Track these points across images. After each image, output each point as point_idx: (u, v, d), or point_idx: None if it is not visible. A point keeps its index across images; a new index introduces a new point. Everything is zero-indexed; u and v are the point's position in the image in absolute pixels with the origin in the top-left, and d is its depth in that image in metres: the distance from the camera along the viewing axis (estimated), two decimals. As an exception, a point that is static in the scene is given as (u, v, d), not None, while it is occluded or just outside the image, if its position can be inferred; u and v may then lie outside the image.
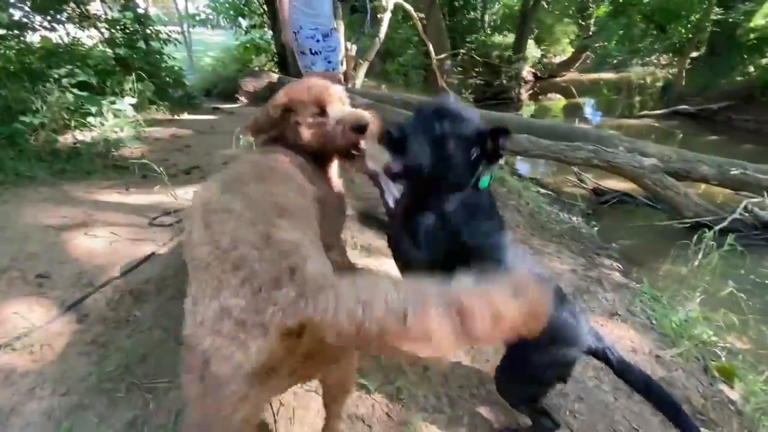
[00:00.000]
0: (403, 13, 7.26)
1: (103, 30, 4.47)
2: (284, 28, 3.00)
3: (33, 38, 4.30)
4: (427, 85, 8.57)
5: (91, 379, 0.99)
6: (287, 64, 5.75)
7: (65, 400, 0.94)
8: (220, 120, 4.17)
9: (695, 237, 2.54)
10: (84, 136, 3.12)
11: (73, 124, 3.19)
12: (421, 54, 8.13)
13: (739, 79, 8.03)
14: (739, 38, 8.60)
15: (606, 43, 11.81)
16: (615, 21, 10.29)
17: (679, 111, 8.53)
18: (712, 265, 2.16)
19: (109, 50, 4.45)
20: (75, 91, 3.50)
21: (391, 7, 6.18)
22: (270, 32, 6.44)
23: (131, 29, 4.44)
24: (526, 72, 12.30)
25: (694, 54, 9.14)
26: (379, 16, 6.40)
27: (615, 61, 12.74)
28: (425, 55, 8.02)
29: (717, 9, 7.99)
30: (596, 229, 3.88)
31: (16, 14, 4.07)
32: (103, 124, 3.23)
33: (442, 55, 7.52)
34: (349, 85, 6.08)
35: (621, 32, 10.09)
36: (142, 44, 4.52)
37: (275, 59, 6.51)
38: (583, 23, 13.45)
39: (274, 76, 5.60)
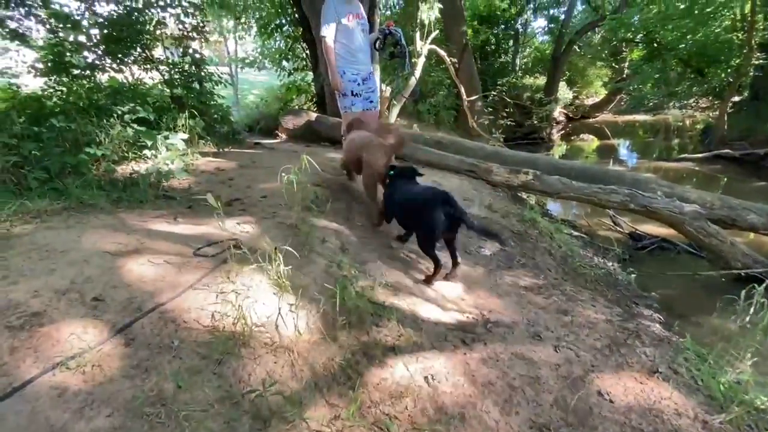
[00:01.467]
0: (437, 57, 7.58)
1: (164, 72, 4.95)
2: (332, 75, 3.29)
3: (102, 77, 4.80)
4: (458, 124, 8.76)
5: (134, 403, 1.05)
6: (325, 105, 6.08)
7: (110, 421, 1.00)
8: (261, 155, 4.42)
9: (744, 291, 2.39)
10: (139, 167, 3.40)
11: (130, 156, 3.50)
12: (452, 95, 8.38)
13: (787, 124, 7.72)
14: (785, 83, 8.35)
15: (641, 86, 11.72)
16: (650, 65, 10.25)
17: (721, 155, 8.22)
18: (765, 323, 2.01)
19: (167, 90, 4.91)
20: (134, 126, 3.87)
21: (425, 52, 6.49)
22: (311, 75, 6.89)
23: (188, 72, 4.89)
24: (558, 113, 12.35)
25: (736, 98, 8.90)
26: (413, 60, 6.72)
27: (651, 104, 12.57)
28: (456, 96, 8.25)
29: (758, 54, 7.84)
30: (633, 276, 3.71)
31: (90, 57, 4.59)
32: (156, 157, 3.52)
33: (473, 97, 7.71)
34: (382, 124, 6.33)
35: (656, 76, 10.01)
36: (196, 85, 4.95)
37: (314, 100, 6.93)
38: (617, 66, 13.48)
39: (313, 115, 5.93)
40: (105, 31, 4.48)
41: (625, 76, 13.17)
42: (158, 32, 4.83)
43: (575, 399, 1.54)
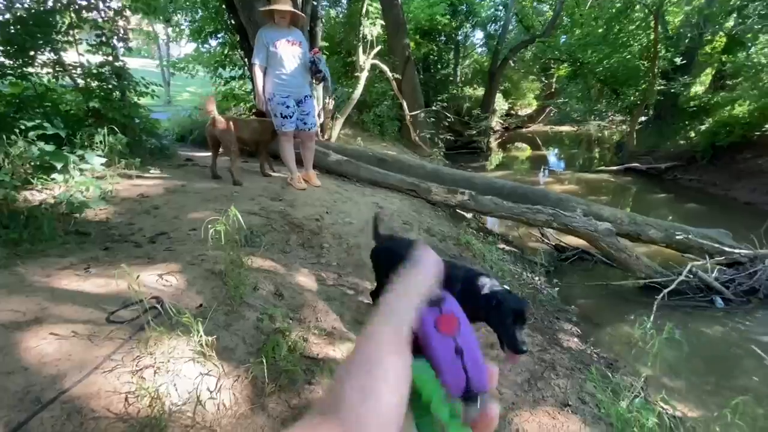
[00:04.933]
0: (380, 70, 7.68)
1: (77, 78, 4.46)
2: (257, 98, 3.67)
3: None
4: (402, 134, 8.94)
5: None
6: (264, 116, 5.89)
7: None
8: (191, 176, 4.16)
9: (648, 312, 2.71)
10: (46, 194, 3.04)
11: (35, 181, 3.12)
12: (396, 106, 8.54)
13: (682, 142, 8.86)
14: (681, 105, 9.59)
15: (567, 101, 12.81)
16: (574, 83, 11.24)
17: (631, 167, 9.25)
18: (665, 334, 2.27)
19: (81, 98, 4.43)
20: (41, 144, 3.45)
21: (367, 67, 6.53)
22: (250, 84, 6.62)
23: (108, 81, 4.45)
24: (495, 123, 13.09)
25: (643, 117, 10.05)
26: (356, 74, 6.73)
27: (576, 116, 13.80)
28: (400, 107, 8.42)
29: (660, 80, 8.93)
30: (557, 289, 4.06)
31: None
32: (68, 182, 3.17)
33: (416, 112, 7.91)
34: (326, 137, 6.27)
35: (578, 95, 10.99)
36: (117, 94, 4.53)
37: (253, 110, 6.67)
38: (546, 81, 14.61)
39: (251, 127, 5.70)
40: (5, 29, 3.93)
41: (553, 90, 14.32)
42: (70, 36, 4.33)
43: None
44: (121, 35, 4.46)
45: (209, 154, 5.64)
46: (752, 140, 7.62)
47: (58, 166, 3.25)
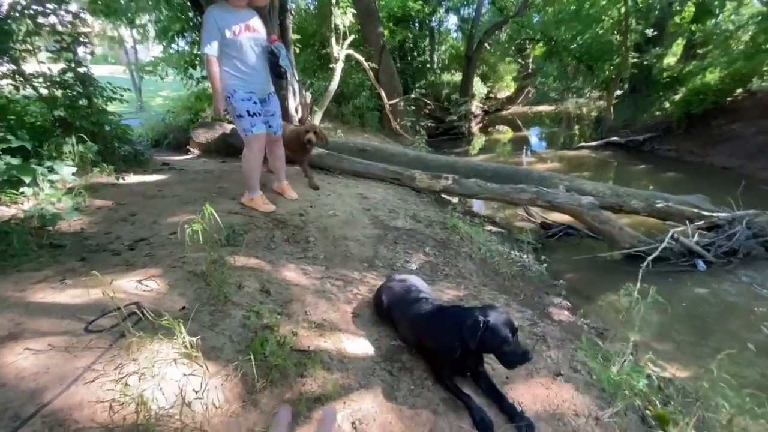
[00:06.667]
0: (356, 60, 7.58)
1: (40, 87, 4.28)
2: (214, 96, 2.94)
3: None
4: (383, 124, 8.88)
5: None
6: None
7: None
8: (168, 180, 4.06)
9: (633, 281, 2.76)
10: (15, 209, 2.93)
11: (3, 197, 3.00)
12: (375, 96, 8.46)
13: (657, 113, 9.01)
14: (655, 77, 9.73)
15: (544, 80, 12.88)
16: (550, 62, 11.29)
17: (611, 142, 9.38)
18: (649, 299, 2.30)
19: (46, 107, 4.26)
20: (7, 158, 3.31)
21: (342, 57, 6.43)
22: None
23: (72, 89, 4.28)
24: (475, 107, 13.10)
25: (619, 92, 10.18)
26: (331, 66, 6.64)
27: (554, 95, 13.91)
28: (379, 97, 8.35)
29: (633, 53, 9.03)
30: (545, 265, 4.11)
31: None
32: (37, 195, 3.05)
33: (394, 100, 7.86)
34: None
35: (555, 74, 11.05)
36: (84, 102, 4.36)
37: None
38: (523, 62, 14.64)
39: (228, 127, 5.59)
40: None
41: (531, 70, 14.36)
42: (28, 44, 4.14)
43: (492, 416, 1.67)
44: (82, 40, 4.28)
45: (186, 157, 5.55)
46: (725, 106, 7.79)
47: (27, 179, 3.13)
